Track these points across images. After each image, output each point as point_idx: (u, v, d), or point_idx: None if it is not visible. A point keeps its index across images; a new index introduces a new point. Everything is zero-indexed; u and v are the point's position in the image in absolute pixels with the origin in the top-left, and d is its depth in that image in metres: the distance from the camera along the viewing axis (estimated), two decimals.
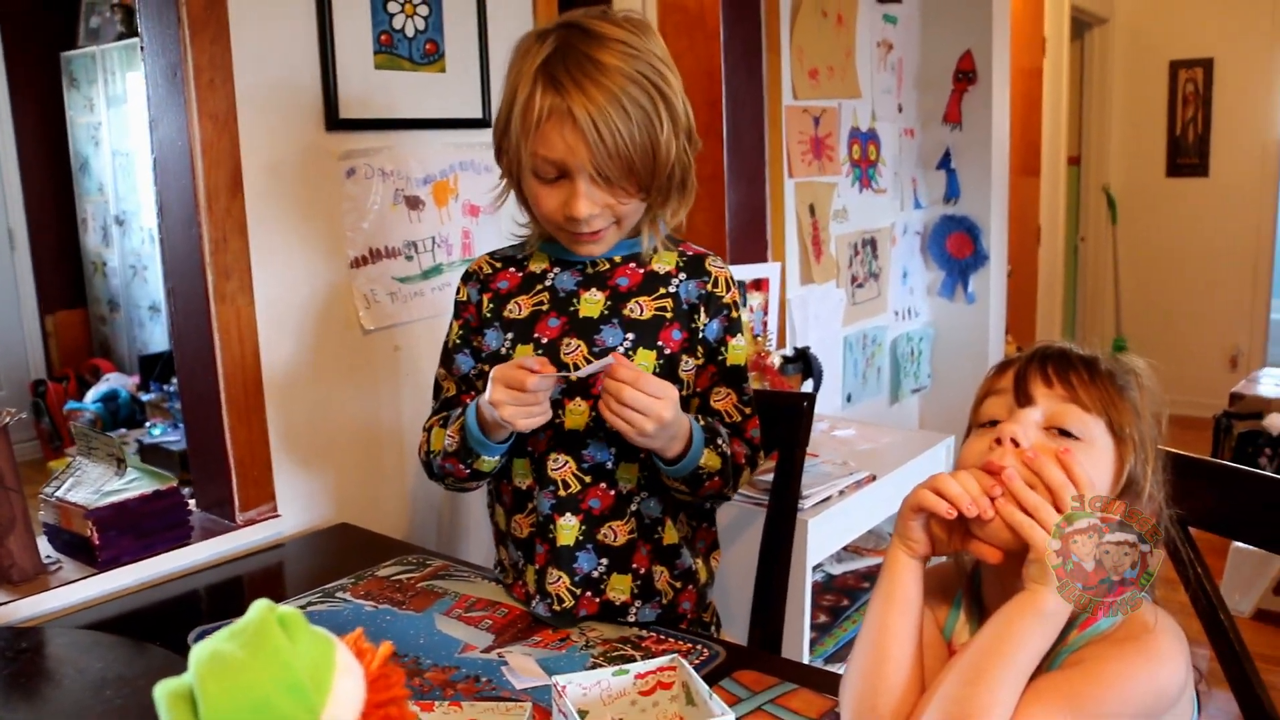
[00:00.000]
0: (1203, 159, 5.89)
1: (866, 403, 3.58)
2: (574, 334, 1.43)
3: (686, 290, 1.46)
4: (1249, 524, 1.29)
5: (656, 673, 1.17)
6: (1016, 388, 1.07)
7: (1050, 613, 0.99)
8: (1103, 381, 1.05)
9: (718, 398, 1.47)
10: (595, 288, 1.46)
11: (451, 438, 1.43)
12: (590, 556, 1.45)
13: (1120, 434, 1.04)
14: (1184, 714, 1.06)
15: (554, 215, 1.39)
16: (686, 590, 1.51)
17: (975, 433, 1.10)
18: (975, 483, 1.01)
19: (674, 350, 1.44)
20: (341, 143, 1.88)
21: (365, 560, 1.69)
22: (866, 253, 3.51)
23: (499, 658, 1.36)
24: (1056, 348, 1.09)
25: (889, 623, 1.06)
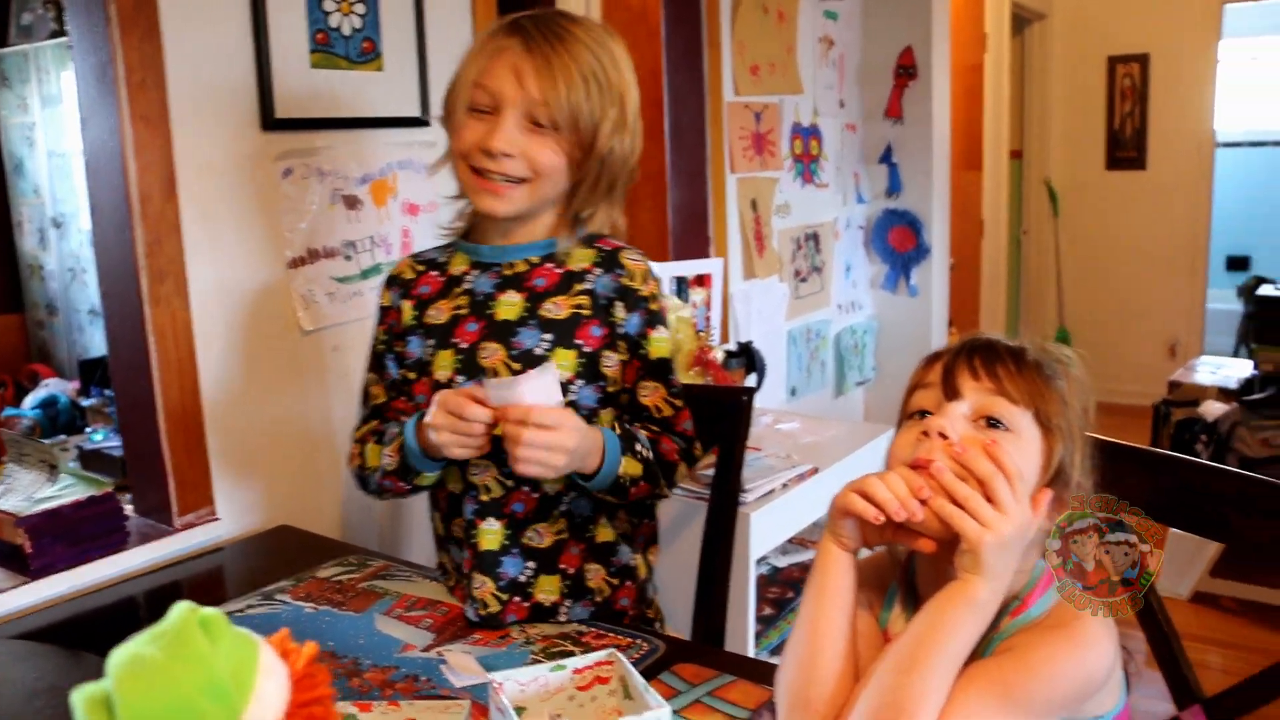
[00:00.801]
0: (1140, 152, 5.98)
1: (811, 396, 3.61)
2: (492, 338, 1.43)
3: (603, 285, 1.45)
4: (1177, 509, 1.31)
5: (594, 668, 1.17)
6: (944, 381, 1.08)
7: (982, 602, 1.01)
8: (1029, 372, 1.06)
9: (644, 393, 1.47)
10: (513, 289, 1.45)
11: (390, 457, 1.42)
12: (516, 561, 1.44)
13: (1047, 424, 1.05)
14: (1112, 695, 1.08)
15: (470, 149, 1.38)
16: (625, 586, 1.51)
17: (904, 425, 1.11)
18: (903, 485, 1.02)
19: (594, 347, 1.43)
20: (278, 143, 1.87)
21: (305, 562, 1.68)
22: (809, 247, 3.54)
23: (438, 656, 1.35)
24: (984, 340, 1.10)
25: (822, 614, 1.07)
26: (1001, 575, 1.01)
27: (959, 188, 4.63)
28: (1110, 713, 1.08)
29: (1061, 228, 6.11)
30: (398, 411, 1.51)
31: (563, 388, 1.38)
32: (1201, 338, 5.94)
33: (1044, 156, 6.10)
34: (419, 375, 1.48)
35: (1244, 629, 3.36)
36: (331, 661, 1.34)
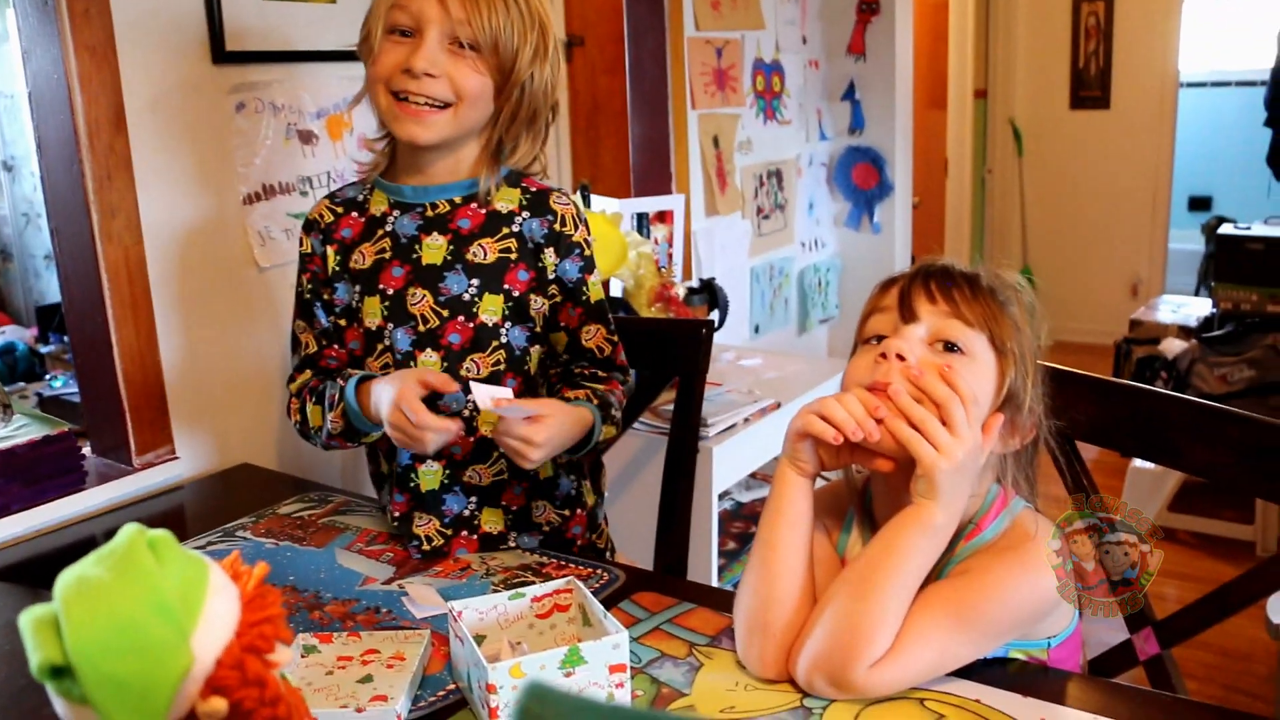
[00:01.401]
0: (1104, 92, 5.98)
1: (774, 333, 3.62)
2: (418, 283, 1.42)
3: (530, 229, 1.44)
4: (1127, 435, 1.33)
5: (553, 595, 1.18)
6: (901, 304, 1.09)
7: (937, 526, 1.02)
8: (984, 297, 1.07)
9: (588, 336, 1.48)
10: (437, 231, 1.44)
11: (335, 422, 1.43)
12: (459, 498, 1.46)
13: (1002, 348, 1.06)
14: (1064, 618, 1.11)
15: (390, 72, 1.36)
16: (576, 515, 1.53)
17: (860, 349, 1.11)
18: (859, 405, 1.03)
19: (521, 291, 1.44)
20: (229, 76, 1.84)
21: (267, 499, 1.68)
22: (772, 184, 3.53)
23: (399, 589, 1.36)
24: (939, 265, 1.11)
25: (778, 539, 1.08)
26: (956, 500, 1.03)
27: (923, 126, 4.62)
28: (1062, 633, 1.11)
29: (1026, 167, 6.12)
30: (330, 360, 1.51)
31: (493, 330, 1.42)
32: (1163, 277, 5.98)
33: (1009, 95, 6.09)
34: (349, 322, 1.48)
35: (1200, 562, 3.42)
36: (293, 595, 1.34)
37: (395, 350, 1.43)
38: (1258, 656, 2.91)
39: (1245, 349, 3.81)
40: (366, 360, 1.47)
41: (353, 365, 1.50)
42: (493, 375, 1.43)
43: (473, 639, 1.07)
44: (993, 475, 1.11)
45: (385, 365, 1.44)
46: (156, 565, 0.64)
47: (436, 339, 1.42)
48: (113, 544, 0.65)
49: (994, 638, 1.05)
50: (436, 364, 1.41)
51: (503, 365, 1.44)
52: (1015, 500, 1.11)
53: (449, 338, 1.42)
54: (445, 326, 1.42)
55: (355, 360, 1.49)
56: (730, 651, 1.14)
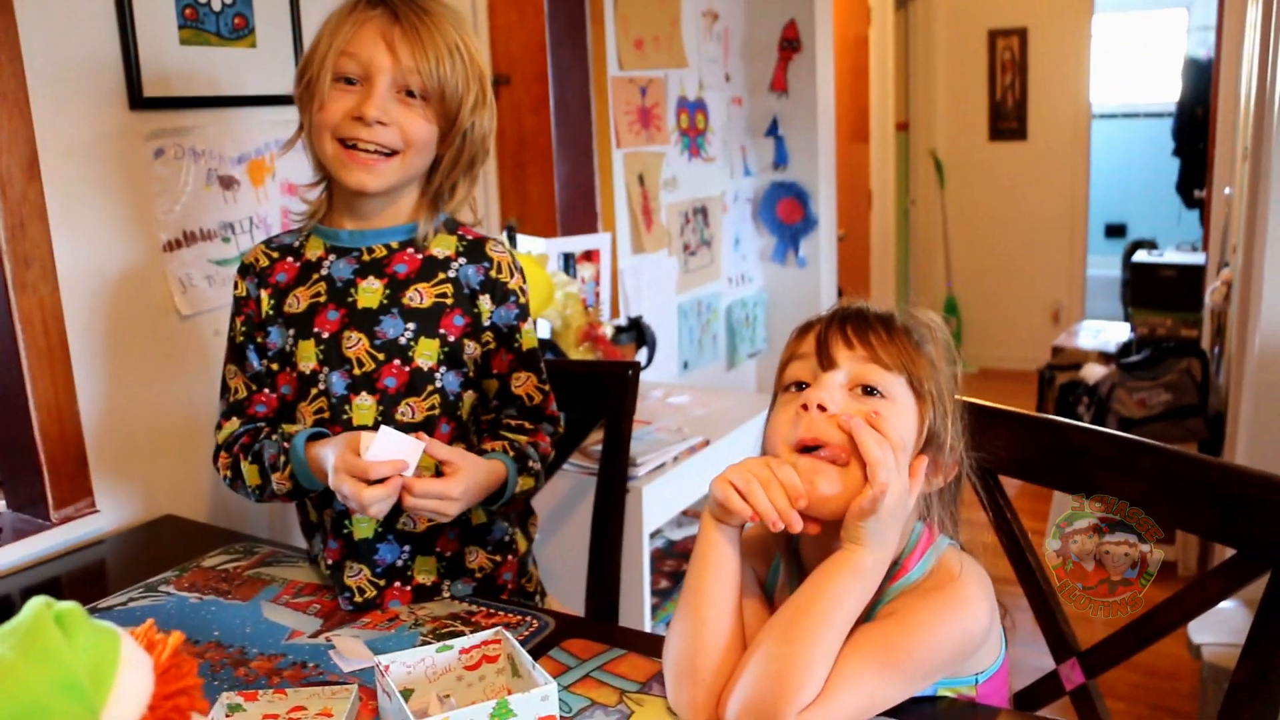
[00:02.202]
0: (1021, 123, 6.12)
1: (703, 369, 3.63)
2: (354, 326, 1.42)
3: (466, 275, 1.45)
4: (1047, 468, 1.35)
5: (481, 646, 1.17)
6: (819, 351, 1.09)
7: (866, 570, 1.02)
8: (900, 338, 1.08)
9: (518, 383, 1.49)
10: (373, 275, 1.43)
11: (281, 483, 1.40)
12: (392, 547, 1.44)
13: (920, 389, 1.07)
14: (992, 651, 1.12)
15: (340, 119, 1.36)
16: (506, 562, 1.52)
17: (781, 399, 1.12)
18: (783, 495, 1.02)
19: (456, 336, 1.44)
20: (147, 122, 1.81)
21: (190, 551, 1.65)
22: (698, 220, 3.55)
23: (327, 642, 1.34)
24: (854, 308, 1.12)
25: (705, 584, 1.08)
26: (885, 544, 1.03)
27: (846, 159, 4.69)
28: (990, 669, 1.11)
29: (948, 198, 6.23)
30: (258, 406, 1.49)
31: (429, 375, 1.42)
32: (1083, 302, 6.11)
33: (929, 128, 6.21)
34: (282, 366, 1.47)
35: None
36: (217, 651, 1.31)
37: (330, 394, 1.42)
38: (1181, 675, 2.96)
39: (1162, 373, 3.89)
40: (299, 405, 1.45)
41: (283, 411, 1.49)
42: (427, 420, 1.42)
43: (400, 694, 1.06)
44: (917, 514, 1.11)
45: (319, 410, 1.43)
46: (64, 640, 0.62)
47: (372, 382, 1.41)
48: (17, 620, 0.63)
49: (923, 678, 1.05)
50: (372, 408, 1.41)
51: (437, 410, 1.43)
52: (940, 539, 1.12)
53: (384, 381, 1.41)
54: (381, 370, 1.41)
55: (286, 406, 1.48)
56: (661, 698, 1.13)
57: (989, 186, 6.17)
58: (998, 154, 6.16)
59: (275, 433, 1.45)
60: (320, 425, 1.42)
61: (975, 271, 6.23)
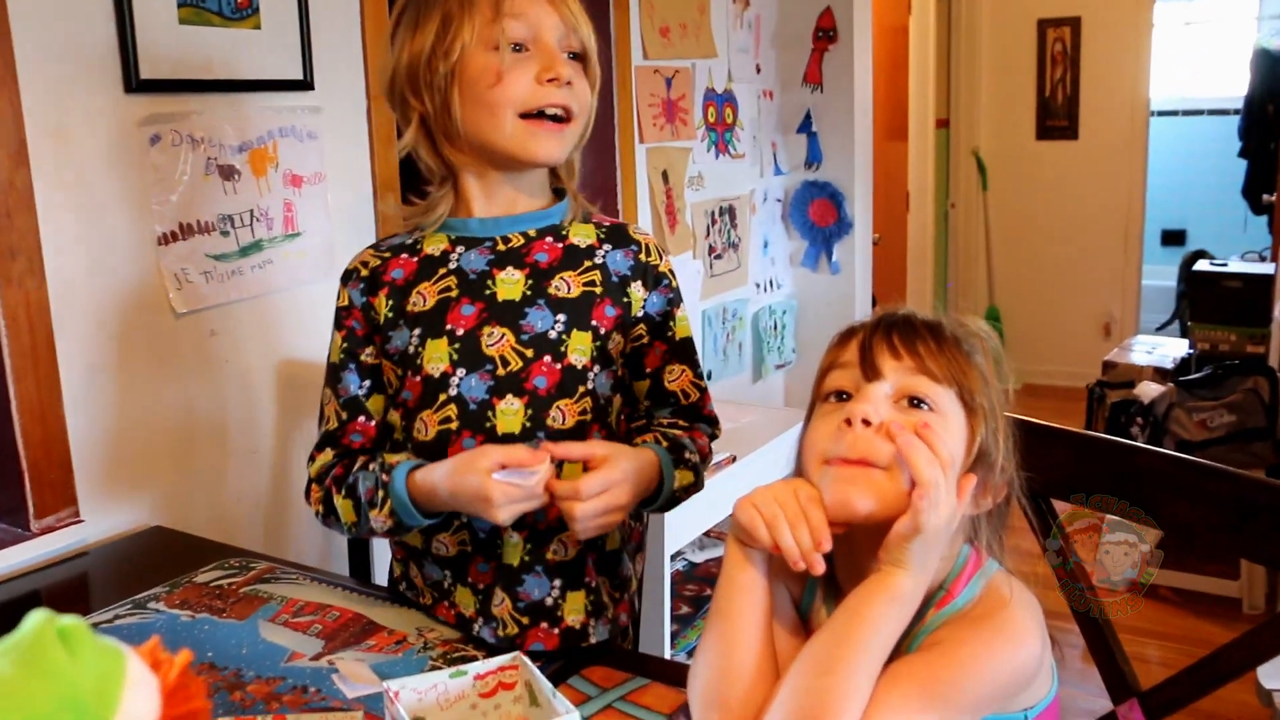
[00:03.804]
0: (1072, 121, 6.10)
1: (728, 380, 3.64)
2: (494, 321, 1.37)
3: (615, 262, 1.41)
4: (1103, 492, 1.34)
5: (497, 673, 1.17)
6: (863, 360, 1.09)
7: (905, 595, 1.02)
8: (950, 349, 1.08)
9: (672, 377, 1.44)
10: (511, 266, 1.39)
11: (381, 521, 1.35)
12: (541, 581, 1.38)
13: (971, 403, 1.07)
14: (1043, 687, 1.11)
15: (525, 89, 1.31)
16: (624, 601, 1.48)
17: (820, 409, 1.11)
18: (809, 536, 1.02)
19: (608, 328, 1.40)
20: (143, 106, 1.83)
21: (181, 566, 1.65)
22: (724, 222, 3.56)
23: (329, 665, 1.34)
24: (901, 315, 1.11)
25: (733, 610, 1.08)
26: (926, 567, 1.03)
27: (882, 159, 4.69)
28: (1041, 704, 1.11)
29: (991, 200, 6.22)
30: (354, 435, 1.45)
31: (581, 373, 1.37)
32: (1137, 315, 6.08)
33: (972, 126, 6.20)
34: (405, 371, 1.40)
35: (1182, 620, 3.45)
36: (211, 674, 1.32)
37: (467, 400, 1.36)
38: None
39: (1225, 393, 3.87)
40: (420, 414, 1.38)
41: (383, 439, 1.44)
42: (578, 426, 1.37)
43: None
44: (963, 537, 1.11)
45: (445, 420, 1.37)
46: (68, 658, 0.63)
47: (520, 383, 1.35)
48: (18, 634, 0.64)
49: (969, 713, 1.04)
50: (519, 412, 1.35)
51: (589, 414, 1.38)
52: (988, 563, 1.12)
53: (534, 381, 1.36)
54: (530, 368, 1.36)
55: (408, 413, 1.41)
56: None
57: (1036, 189, 6.16)
58: (1046, 154, 6.15)
59: (374, 462, 1.39)
60: (450, 435, 1.36)
61: (1020, 280, 6.22)
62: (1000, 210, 6.22)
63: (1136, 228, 6.04)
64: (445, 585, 1.44)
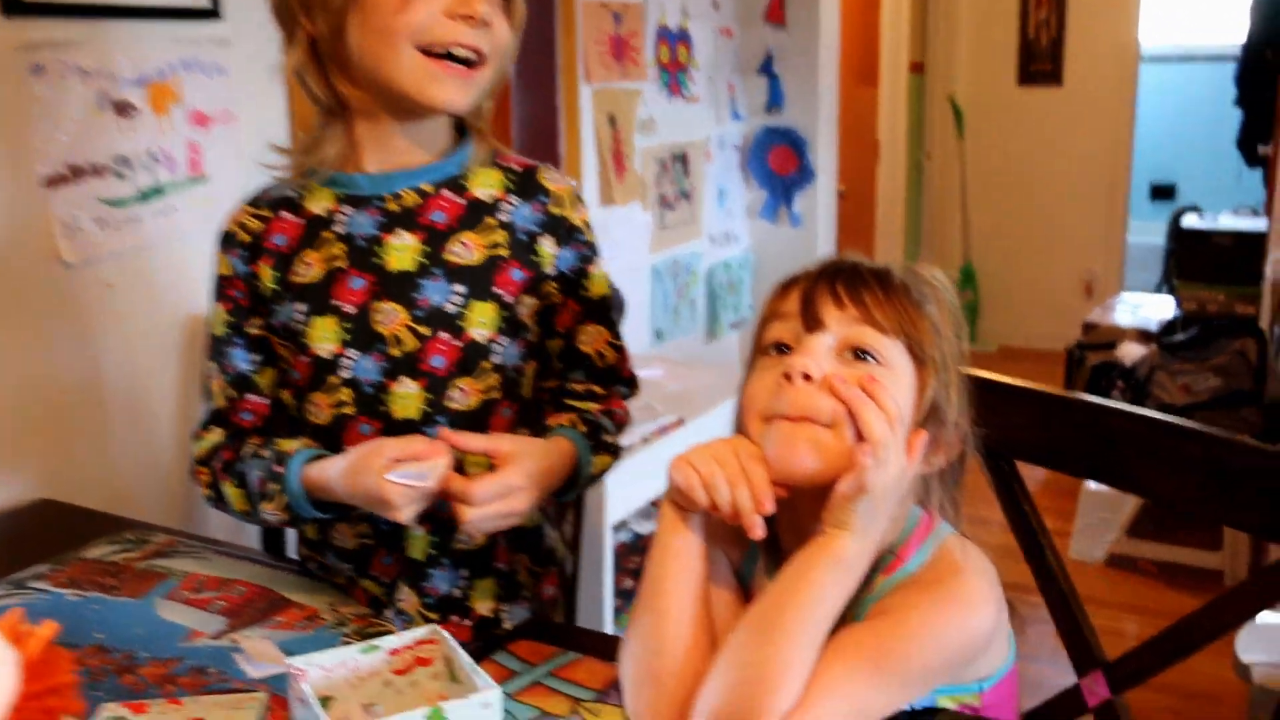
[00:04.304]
0: (1056, 66, 6.11)
1: (679, 340, 3.64)
2: (386, 295, 1.35)
3: (522, 218, 1.39)
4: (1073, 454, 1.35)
5: (414, 647, 1.17)
6: (804, 310, 1.09)
7: (850, 558, 1.02)
8: (898, 298, 1.08)
9: (586, 338, 1.43)
10: (403, 229, 1.36)
11: (275, 514, 1.34)
12: (448, 573, 1.40)
13: (920, 355, 1.07)
14: (999, 654, 1.12)
15: (426, 20, 1.25)
16: (549, 574, 1.49)
17: (759, 362, 1.11)
18: (748, 494, 1.03)
19: (516, 294, 1.38)
20: (24, 31, 1.78)
21: (70, 541, 1.63)
22: (677, 170, 3.55)
23: (232, 644, 1.33)
24: (846, 262, 1.12)
25: (667, 575, 1.08)
26: (872, 530, 1.03)
27: (850, 104, 4.68)
28: (996, 674, 1.12)
29: (967, 150, 6.23)
30: (244, 414, 1.43)
31: (485, 349, 1.35)
32: (1121, 274, 6.13)
33: (948, 70, 6.21)
34: (293, 348, 1.39)
35: (1162, 594, 3.50)
36: (100, 656, 1.31)
37: (361, 383, 1.35)
38: (1227, 699, 2.97)
39: (1211, 355, 3.92)
40: (312, 396, 1.38)
41: (276, 417, 1.43)
42: (483, 406, 1.36)
43: (318, 702, 1.06)
44: (914, 498, 1.12)
45: (340, 404, 1.37)
46: None
47: (415, 364, 1.35)
48: None
49: (919, 684, 1.05)
50: (417, 395, 1.35)
51: (496, 392, 1.38)
52: (941, 526, 1.12)
53: (431, 361, 1.35)
54: (426, 347, 1.35)
55: (299, 393, 1.40)
56: (619, 707, 1.14)
57: (1016, 138, 6.18)
58: (1028, 101, 6.17)
59: (266, 447, 1.37)
60: (345, 420, 1.37)
61: (997, 236, 6.25)
62: (978, 161, 6.24)
63: (1122, 181, 6.08)
64: (349, 577, 1.45)
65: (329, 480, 1.29)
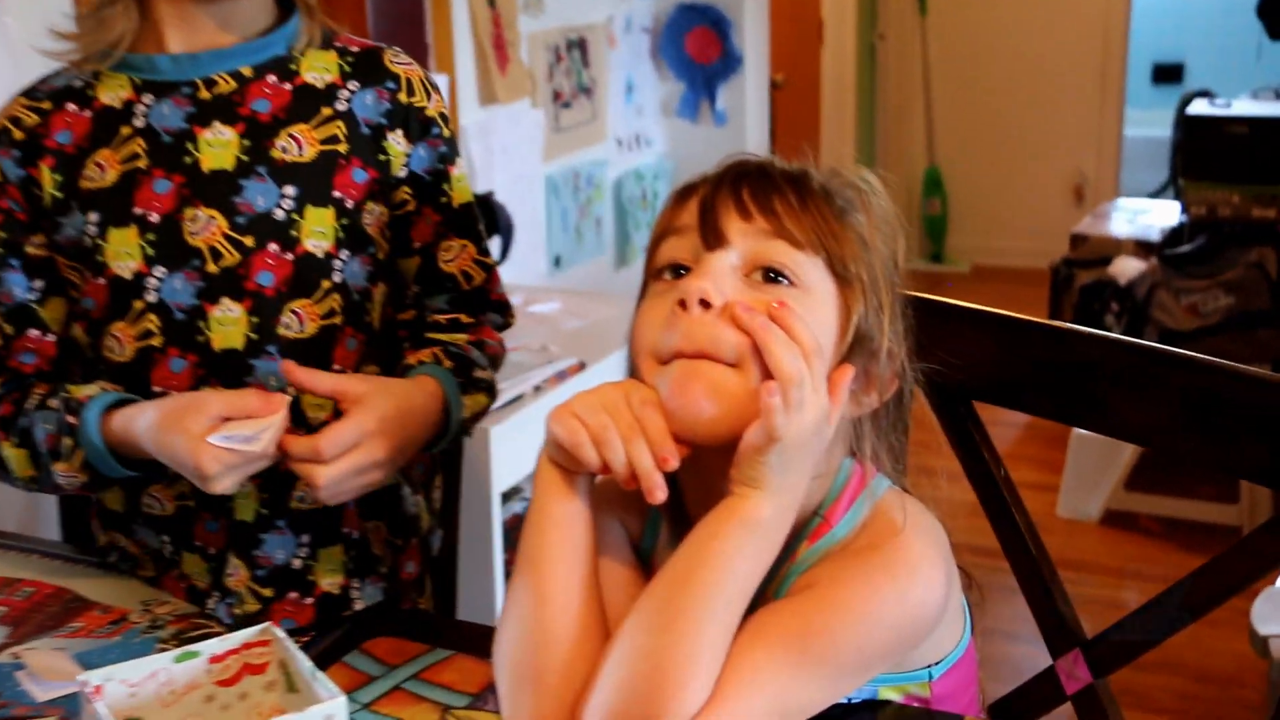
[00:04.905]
0: None
1: (583, 266, 3.65)
2: (199, 199, 1.34)
3: (364, 107, 1.40)
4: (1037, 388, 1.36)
5: (241, 651, 1.16)
6: (703, 223, 1.07)
7: (764, 522, 1.02)
8: (816, 205, 1.07)
9: (448, 255, 1.45)
10: (220, 121, 1.36)
11: (70, 476, 1.33)
12: (284, 538, 1.39)
13: (844, 274, 1.06)
14: (951, 633, 1.13)
15: None
16: (409, 548, 1.50)
17: (652, 288, 1.10)
18: (647, 455, 1.01)
19: (358, 199, 1.39)
20: None
21: None
22: (574, 59, 3.54)
23: (13, 660, 1.31)
24: (753, 164, 1.10)
25: (548, 551, 1.07)
26: (790, 487, 1.03)
27: None
28: (948, 658, 1.13)
29: (931, 31, 6.25)
30: (23, 356, 1.41)
31: (323, 263, 1.35)
32: (1117, 175, 6.19)
33: None
34: (84, 270, 1.37)
35: (1170, 555, 3.51)
36: None
37: (170, 307, 1.34)
38: (1245, 679, 3.00)
39: (1221, 269, 3.97)
40: (110, 327, 1.37)
41: (65, 358, 1.42)
42: (324, 334, 1.37)
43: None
44: (844, 448, 1.12)
45: (145, 334, 1.36)
46: None
47: (238, 282, 1.34)
48: None
49: (855, 673, 1.06)
50: (241, 320, 1.34)
51: (338, 316, 1.38)
52: (876, 479, 1.12)
53: (257, 278, 1.35)
54: (251, 261, 1.35)
55: (94, 326, 1.39)
56: (498, 714, 1.14)
57: (989, 14, 6.21)
58: None
59: (55, 396, 1.36)
60: (152, 354, 1.35)
61: (968, 133, 6.28)
62: (943, 43, 6.26)
63: (1118, 62, 6.13)
64: (167, 554, 1.43)
65: (136, 432, 1.28)
